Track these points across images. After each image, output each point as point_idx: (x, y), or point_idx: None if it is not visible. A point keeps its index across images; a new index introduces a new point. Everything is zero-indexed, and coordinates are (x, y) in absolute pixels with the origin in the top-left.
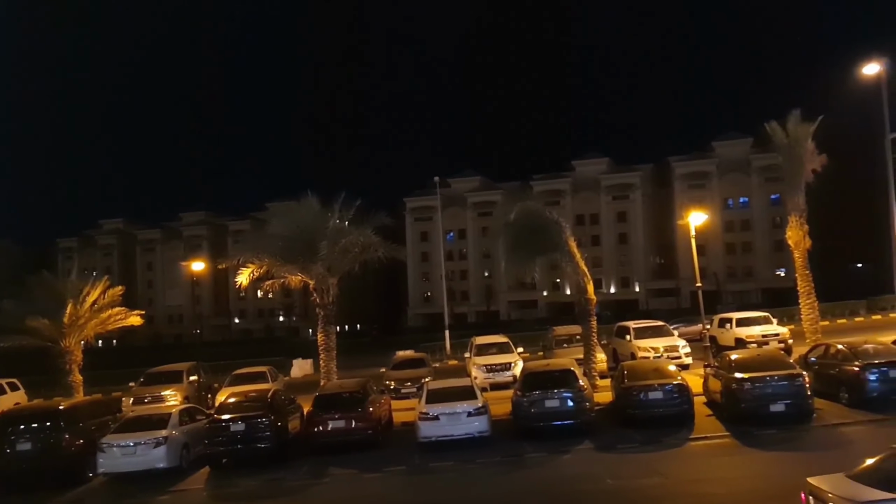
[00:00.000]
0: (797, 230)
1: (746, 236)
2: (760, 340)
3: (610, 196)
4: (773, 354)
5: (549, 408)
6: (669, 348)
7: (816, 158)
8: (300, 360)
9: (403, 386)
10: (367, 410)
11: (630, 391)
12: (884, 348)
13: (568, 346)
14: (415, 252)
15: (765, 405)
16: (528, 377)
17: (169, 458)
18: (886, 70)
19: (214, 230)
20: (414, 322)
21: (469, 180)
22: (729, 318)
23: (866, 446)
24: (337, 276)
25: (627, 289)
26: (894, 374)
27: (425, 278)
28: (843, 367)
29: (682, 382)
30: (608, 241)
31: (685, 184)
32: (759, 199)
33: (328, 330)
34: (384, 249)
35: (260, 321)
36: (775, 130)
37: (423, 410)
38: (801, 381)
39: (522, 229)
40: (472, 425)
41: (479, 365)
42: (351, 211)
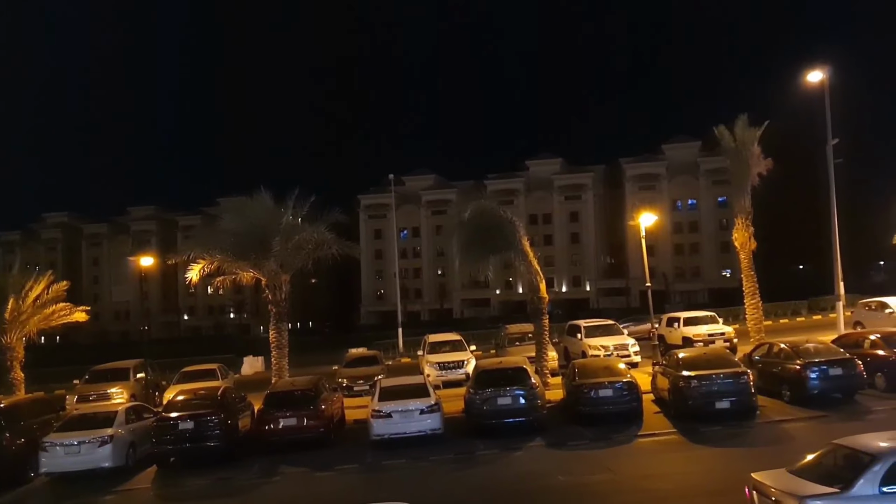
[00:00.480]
0: (743, 232)
1: (694, 237)
2: (707, 339)
3: (563, 196)
4: (719, 353)
5: (502, 405)
6: (619, 346)
7: (762, 162)
8: (251, 357)
9: (356, 384)
10: (319, 408)
11: (581, 389)
12: (824, 347)
13: (520, 345)
14: (368, 249)
15: (711, 402)
16: (480, 375)
17: (114, 457)
18: (829, 78)
19: (163, 225)
20: (367, 320)
21: (424, 178)
22: (677, 318)
23: (807, 442)
24: (290, 272)
25: (579, 288)
26: (834, 372)
27: (379, 276)
28: (786, 365)
29: (632, 380)
30: (560, 240)
31: (636, 185)
32: (707, 201)
33: (280, 327)
34: (338, 246)
35: (210, 318)
36: (723, 134)
37: (376, 408)
38: (746, 379)
39: (477, 228)
40: (425, 423)
41: (432, 363)
42: (305, 207)
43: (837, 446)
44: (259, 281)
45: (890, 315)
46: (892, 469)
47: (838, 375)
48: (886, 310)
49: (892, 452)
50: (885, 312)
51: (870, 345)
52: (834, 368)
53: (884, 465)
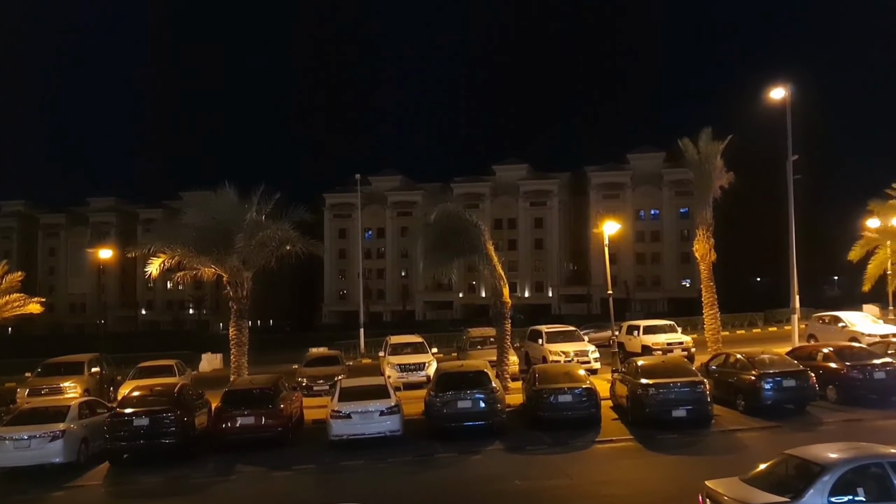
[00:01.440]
0: (704, 243)
1: (656, 247)
2: (665, 348)
3: (528, 202)
4: (677, 362)
5: (462, 408)
6: (579, 353)
7: (724, 175)
8: (209, 354)
9: (316, 383)
10: (278, 407)
11: (540, 394)
12: (778, 359)
13: (482, 348)
14: (333, 249)
15: (667, 410)
16: (441, 377)
17: (66, 452)
18: (791, 95)
19: (124, 217)
20: (329, 319)
21: (390, 179)
22: (637, 326)
23: (760, 451)
24: (252, 269)
25: (541, 293)
26: (787, 383)
27: (342, 276)
28: (741, 375)
29: (591, 386)
30: (524, 245)
31: (600, 193)
32: (670, 212)
33: (240, 324)
34: (302, 245)
35: (168, 313)
36: (687, 147)
37: (336, 408)
38: (702, 388)
39: (442, 230)
40: (385, 424)
41: (394, 364)
42: (269, 204)
43: (789, 456)
44: (220, 277)
45: (843, 329)
46: (840, 480)
47: (792, 387)
48: (839, 324)
49: (841, 463)
50: (838, 326)
51: (823, 358)
52: (787, 380)
53: (833, 475)
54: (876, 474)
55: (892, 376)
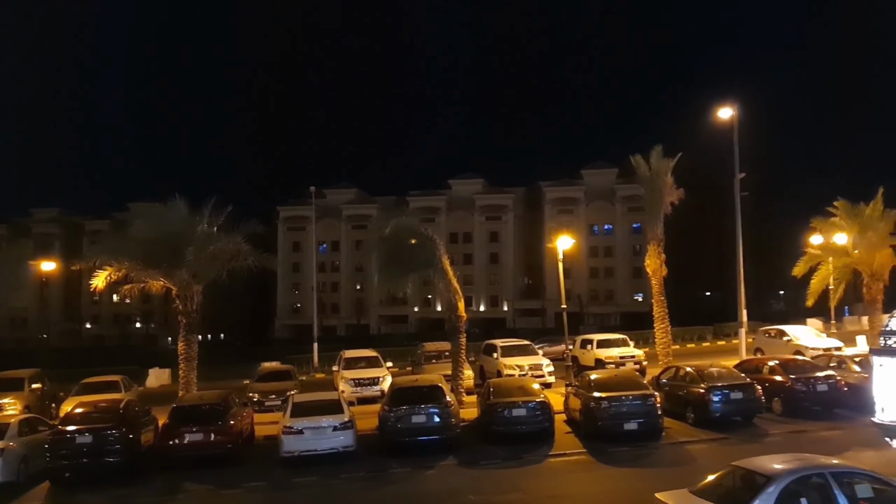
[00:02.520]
0: (655, 258)
1: (609, 262)
2: (618, 361)
3: (483, 216)
4: (629, 375)
5: (416, 423)
6: (534, 367)
7: (675, 192)
8: (157, 369)
9: (268, 398)
10: (228, 423)
11: (495, 407)
12: (727, 372)
13: (437, 362)
14: (286, 262)
15: (619, 423)
16: (396, 392)
17: (4, 471)
18: (739, 114)
19: (69, 229)
20: (281, 333)
21: (345, 192)
22: (590, 340)
23: (709, 463)
24: (203, 283)
25: (496, 307)
26: (735, 395)
27: (295, 289)
28: (691, 388)
29: (545, 400)
30: (480, 259)
31: (555, 208)
32: (622, 227)
33: (190, 339)
34: (254, 258)
35: (115, 327)
36: (639, 163)
37: (288, 424)
38: (653, 401)
39: (397, 244)
40: (338, 440)
41: (347, 379)
42: (221, 217)
43: (736, 468)
44: (169, 290)
45: (788, 342)
46: (785, 490)
47: (739, 399)
48: (784, 337)
49: (786, 474)
50: (784, 340)
51: (769, 370)
52: (735, 392)
53: (777, 486)
54: (818, 484)
55: (834, 389)
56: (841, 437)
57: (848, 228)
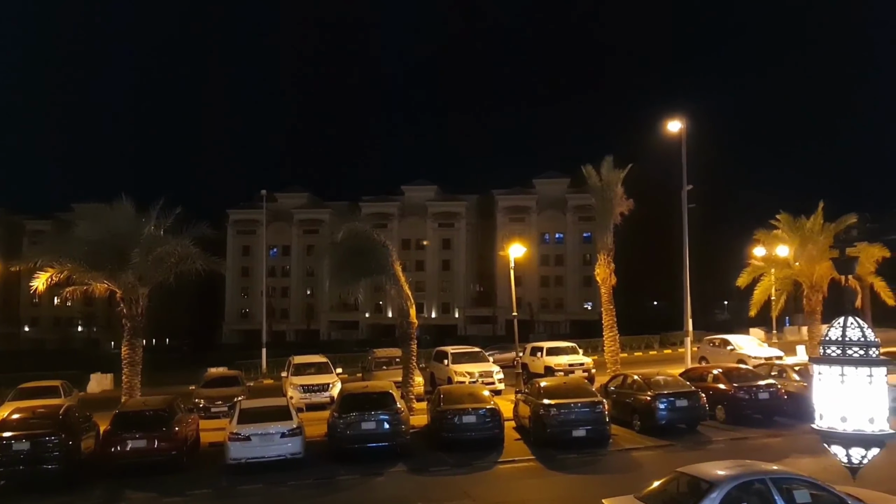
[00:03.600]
0: (605, 267)
1: (559, 270)
2: (567, 369)
3: (436, 223)
4: (578, 383)
5: (366, 430)
6: (484, 374)
7: (625, 202)
8: (99, 374)
9: (214, 405)
10: (173, 430)
11: (445, 414)
12: (672, 380)
13: (387, 369)
14: (235, 266)
15: (568, 430)
16: (345, 398)
17: None
18: (687, 128)
19: (8, 228)
20: (229, 338)
21: (297, 196)
22: (540, 347)
23: (654, 469)
24: (148, 286)
25: (448, 314)
26: (680, 403)
27: (244, 293)
28: (637, 396)
29: (495, 407)
30: (432, 266)
31: (507, 216)
32: (573, 236)
33: (134, 343)
34: (203, 261)
35: (55, 331)
36: (590, 174)
37: (234, 430)
38: (601, 409)
39: (349, 250)
40: (286, 446)
41: (296, 385)
42: (169, 219)
43: (681, 474)
44: (113, 293)
45: (731, 351)
46: (727, 496)
47: (684, 407)
48: (728, 346)
49: (728, 480)
50: (727, 349)
51: (712, 379)
52: (680, 400)
53: (720, 492)
54: (759, 490)
55: (775, 397)
56: (781, 444)
57: (790, 241)
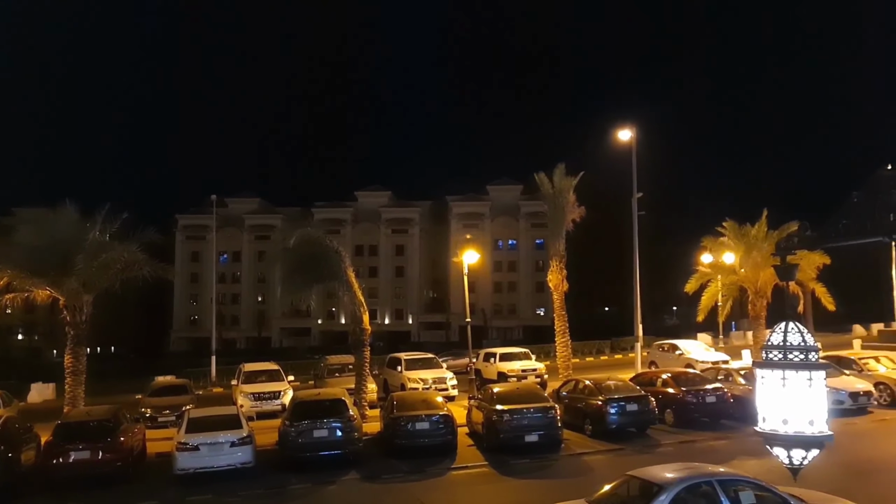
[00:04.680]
0: (557, 274)
1: (513, 276)
2: (520, 375)
3: (390, 229)
4: (530, 388)
5: (318, 437)
6: (438, 380)
7: (577, 209)
8: (40, 384)
9: (161, 414)
10: (118, 440)
11: (398, 421)
12: (623, 385)
13: (340, 376)
14: (184, 272)
15: (521, 436)
16: (297, 406)
17: None
18: (638, 136)
19: None
20: (178, 346)
21: (248, 201)
22: (493, 353)
23: (605, 473)
24: (93, 293)
25: (401, 321)
26: (631, 407)
27: (193, 300)
28: (589, 400)
29: (448, 413)
30: (385, 272)
31: (460, 223)
32: (526, 243)
33: (78, 351)
34: (150, 267)
35: None
36: (543, 181)
37: (182, 440)
38: (553, 414)
39: (301, 256)
40: (236, 456)
41: (247, 393)
42: (115, 224)
43: (630, 477)
44: (56, 300)
45: (680, 356)
46: (675, 498)
47: (634, 411)
48: (677, 351)
49: (676, 483)
50: (676, 354)
51: (662, 383)
52: (631, 404)
53: (668, 494)
54: (706, 492)
55: (722, 400)
56: (727, 447)
57: (735, 248)
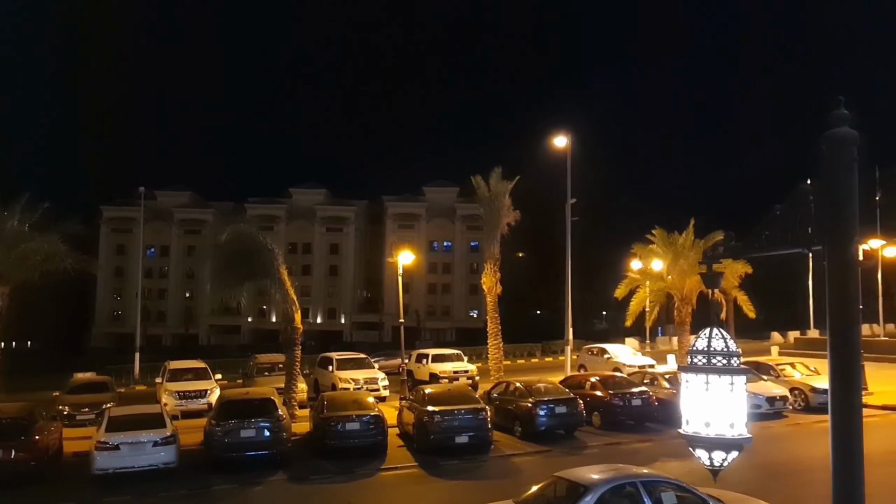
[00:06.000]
0: (491, 276)
1: (447, 278)
2: (452, 376)
3: (324, 227)
4: (462, 390)
5: (245, 437)
6: (369, 380)
7: (512, 213)
8: None
9: (80, 412)
10: (32, 439)
11: (328, 421)
12: (552, 387)
13: (269, 375)
14: (108, 266)
15: (451, 437)
16: (224, 405)
17: None
18: (573, 143)
19: None
20: (100, 342)
21: (178, 195)
22: (426, 354)
23: (533, 474)
24: (9, 285)
25: (334, 320)
26: (559, 410)
27: (117, 295)
28: (519, 402)
29: (379, 414)
30: (319, 271)
31: (396, 223)
32: (461, 245)
33: None
34: (72, 260)
35: None
36: (479, 184)
37: (102, 439)
38: (484, 415)
39: (233, 252)
40: (158, 456)
41: (172, 391)
42: (36, 214)
43: (558, 478)
44: None
45: (608, 360)
46: (600, 499)
47: (563, 413)
48: (605, 355)
49: (601, 484)
50: (604, 357)
51: (590, 386)
52: (559, 407)
53: (594, 495)
54: (630, 493)
55: (647, 403)
56: (652, 449)
57: (664, 255)
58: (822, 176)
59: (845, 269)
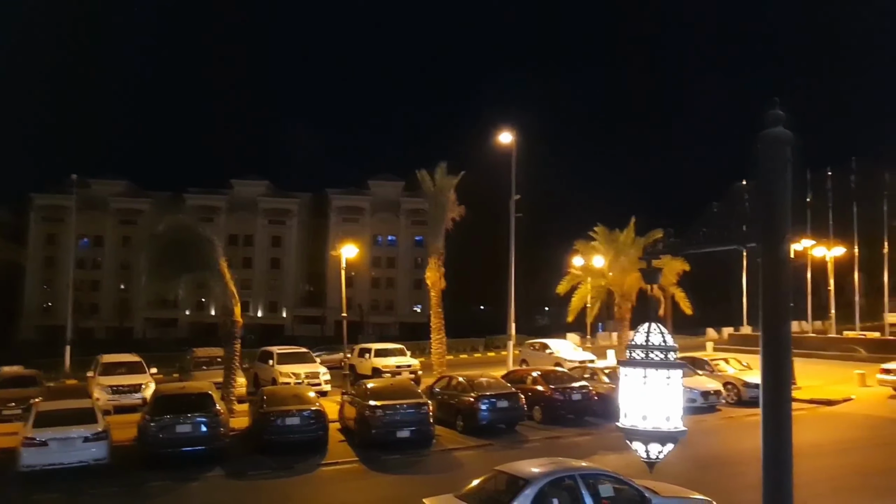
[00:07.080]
0: (435, 271)
1: (391, 272)
2: (394, 370)
3: (267, 219)
4: (404, 384)
5: (181, 433)
6: (310, 375)
7: (457, 208)
8: None
9: (6, 406)
10: None
11: (268, 416)
12: (495, 382)
13: (207, 369)
14: (38, 255)
15: (393, 431)
16: (159, 400)
17: None
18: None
19: None
20: (28, 335)
21: (113, 183)
22: (368, 349)
23: (474, 468)
24: None
25: (275, 314)
26: (501, 404)
27: (47, 286)
28: (461, 397)
29: (319, 408)
30: (260, 264)
31: (340, 216)
32: (405, 239)
33: None
34: None
35: None
36: (424, 178)
37: (29, 435)
38: (426, 410)
39: (171, 243)
40: (89, 452)
41: (104, 385)
42: None
43: (499, 472)
44: None
45: (550, 355)
46: (540, 492)
47: (504, 407)
48: (547, 350)
49: (541, 477)
50: (546, 352)
51: (532, 381)
52: (501, 401)
53: (533, 488)
54: (569, 485)
55: (587, 398)
56: (590, 442)
57: (605, 252)
58: (757, 174)
59: (777, 267)
